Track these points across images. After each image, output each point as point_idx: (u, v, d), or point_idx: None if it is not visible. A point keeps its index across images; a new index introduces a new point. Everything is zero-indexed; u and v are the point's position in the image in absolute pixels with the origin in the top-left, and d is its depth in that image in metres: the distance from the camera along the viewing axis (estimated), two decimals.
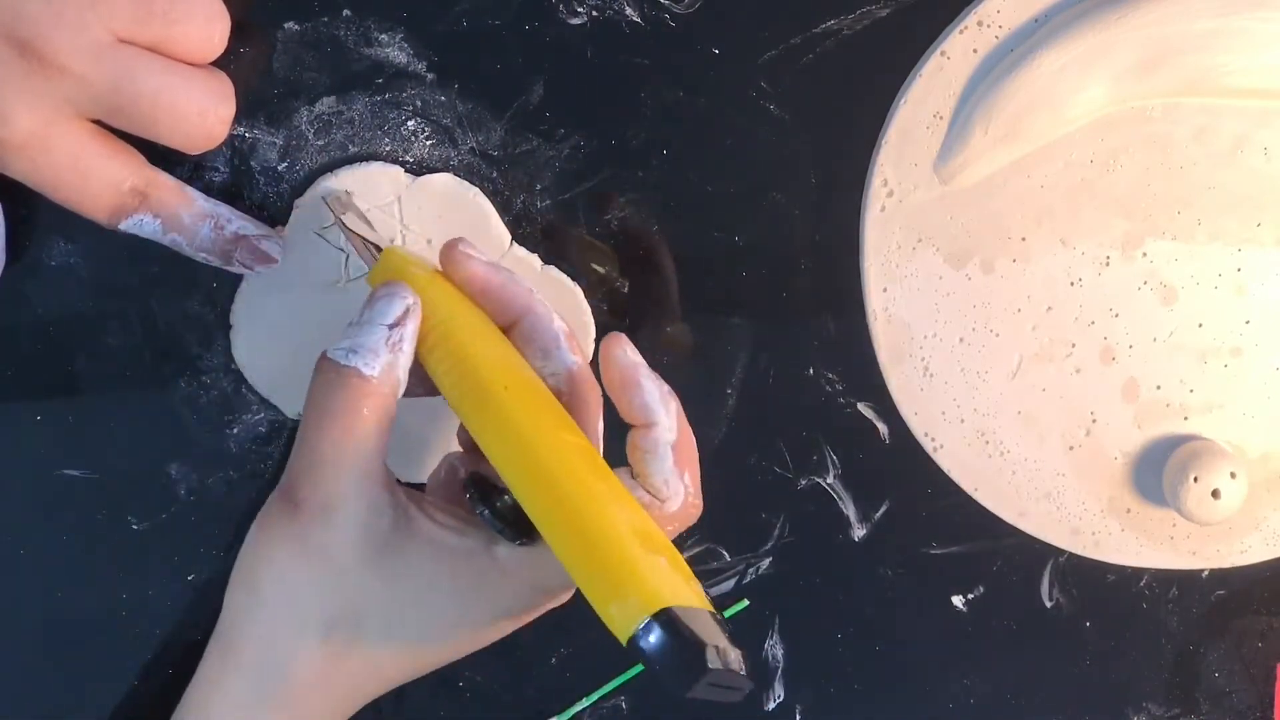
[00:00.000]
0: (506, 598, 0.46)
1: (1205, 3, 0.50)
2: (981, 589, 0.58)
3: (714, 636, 0.38)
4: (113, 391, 0.54)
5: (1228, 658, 0.59)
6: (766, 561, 0.57)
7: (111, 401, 0.54)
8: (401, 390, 0.45)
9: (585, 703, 0.58)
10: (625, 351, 0.46)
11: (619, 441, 0.47)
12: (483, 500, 0.45)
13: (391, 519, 0.45)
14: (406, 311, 0.45)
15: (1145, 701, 0.59)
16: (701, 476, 0.55)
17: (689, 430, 0.47)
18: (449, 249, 0.47)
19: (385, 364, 0.44)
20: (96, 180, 0.47)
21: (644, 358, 0.46)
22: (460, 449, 0.51)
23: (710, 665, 0.37)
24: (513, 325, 0.47)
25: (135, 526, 0.55)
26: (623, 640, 0.38)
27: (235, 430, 0.54)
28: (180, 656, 0.56)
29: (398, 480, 0.46)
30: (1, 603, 0.55)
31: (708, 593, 0.41)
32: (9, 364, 0.53)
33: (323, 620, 0.45)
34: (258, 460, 0.55)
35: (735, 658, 0.38)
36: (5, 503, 0.54)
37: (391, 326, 0.45)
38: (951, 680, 0.59)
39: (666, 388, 0.46)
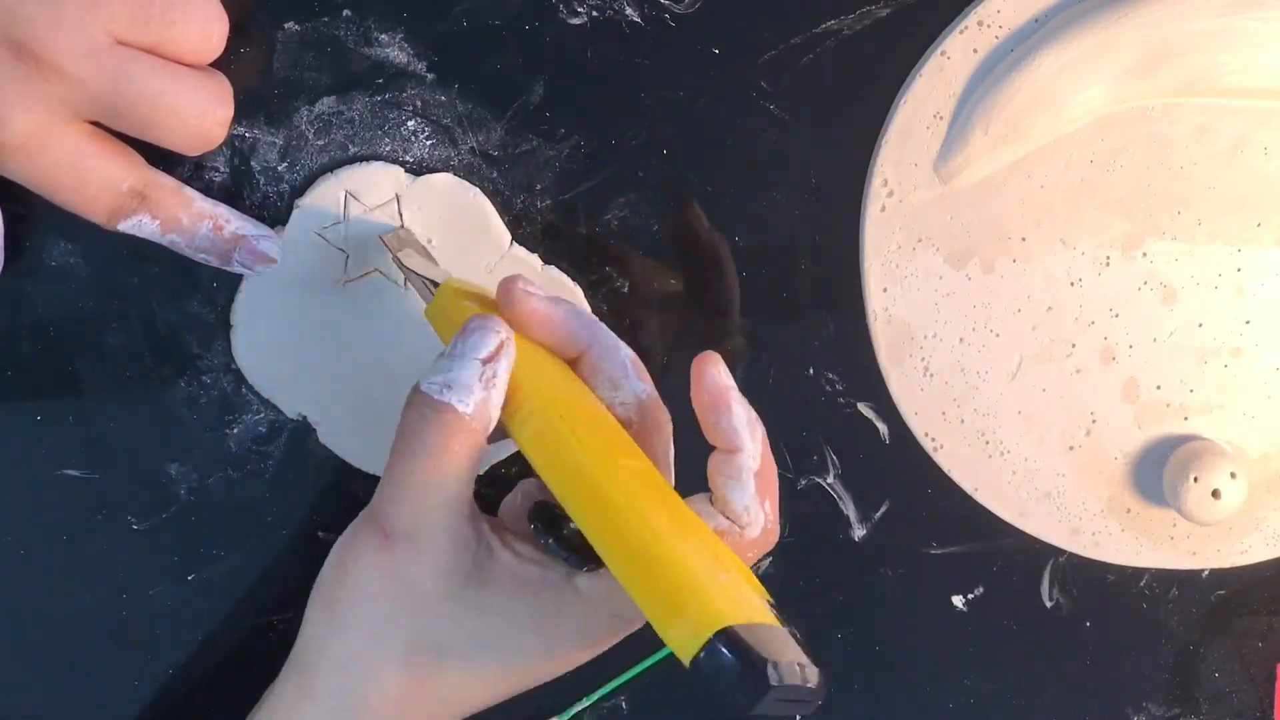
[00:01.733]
0: (587, 628, 0.46)
1: (1205, 3, 0.50)
2: (981, 589, 0.58)
3: (780, 653, 0.38)
4: (113, 391, 0.54)
5: (1228, 658, 0.59)
6: (766, 561, 0.57)
7: (111, 401, 0.54)
8: (492, 426, 0.45)
9: (585, 703, 0.58)
10: (719, 372, 0.46)
11: (691, 463, 0.47)
12: (547, 530, 0.45)
13: (475, 552, 0.45)
14: (500, 347, 0.45)
15: (1145, 701, 0.59)
16: (701, 476, 0.55)
17: (771, 458, 0.47)
18: (508, 286, 0.46)
19: (479, 401, 0.44)
20: (94, 182, 0.47)
21: (645, 358, 0.46)
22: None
23: (772, 683, 0.37)
24: (579, 357, 0.47)
25: (135, 526, 0.55)
26: (686, 663, 0.38)
27: (235, 430, 0.54)
28: (180, 657, 0.56)
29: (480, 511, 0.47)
30: (1, 603, 0.55)
31: (779, 611, 0.41)
32: (9, 364, 0.53)
33: (405, 648, 0.45)
34: (258, 460, 0.55)
35: (800, 673, 0.38)
36: (5, 503, 0.54)
37: (485, 361, 0.44)
38: (951, 680, 0.59)
39: (754, 414, 0.46)
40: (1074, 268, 0.54)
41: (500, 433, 0.46)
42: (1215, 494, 0.53)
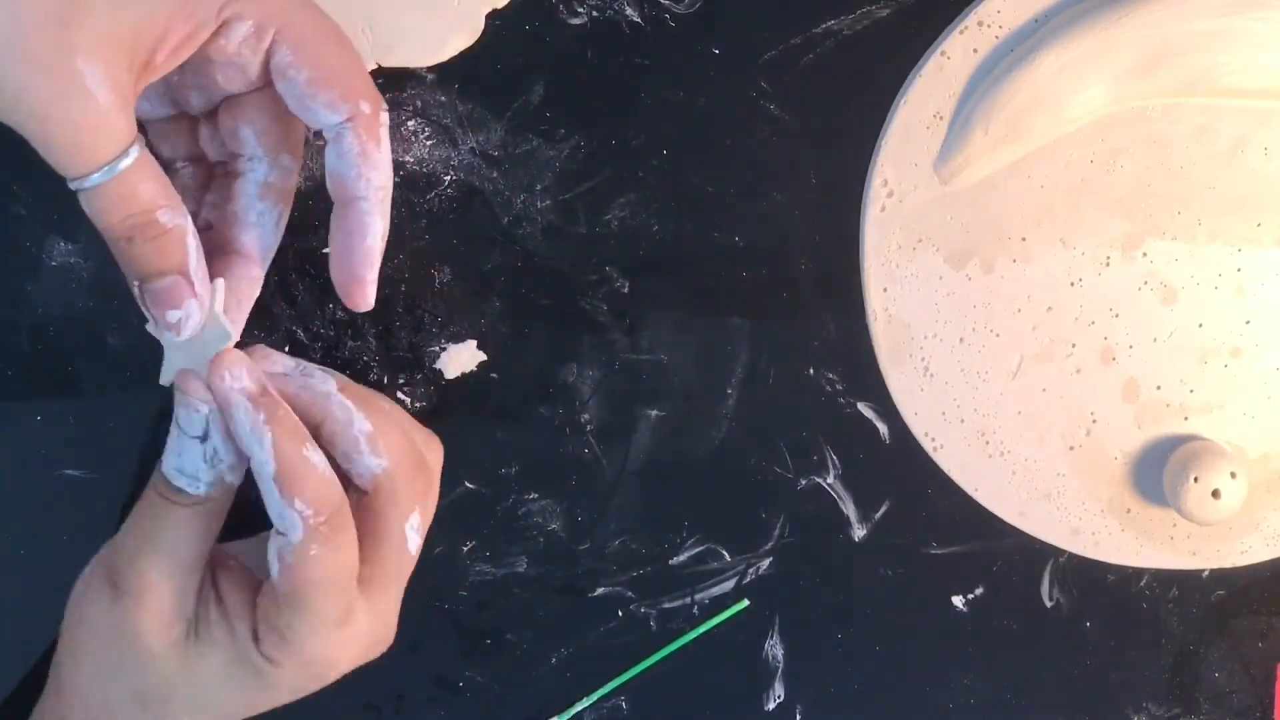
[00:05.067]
0: (279, 690, 0.47)
1: (1205, 3, 0.50)
2: (981, 589, 0.58)
3: None
4: (113, 391, 0.54)
5: (1228, 658, 0.59)
6: (766, 561, 0.57)
7: (111, 401, 0.54)
8: (229, 491, 0.46)
9: (585, 703, 0.58)
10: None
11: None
12: None
13: (197, 611, 0.46)
14: (207, 423, 0.45)
15: (1145, 701, 0.59)
16: (701, 476, 0.56)
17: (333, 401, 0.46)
18: (214, 368, 0.45)
19: (210, 480, 0.45)
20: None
21: (646, 356, 0.46)
22: None
23: None
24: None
25: None
26: None
27: None
28: None
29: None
30: (1, 603, 0.55)
31: None
32: (9, 364, 0.53)
33: (133, 694, 0.46)
34: None
35: None
36: (5, 503, 0.54)
37: (203, 440, 0.45)
38: (951, 680, 0.59)
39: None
40: (1074, 268, 0.54)
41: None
42: (1215, 494, 0.53)
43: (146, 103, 0.46)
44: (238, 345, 0.45)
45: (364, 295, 0.46)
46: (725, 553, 0.57)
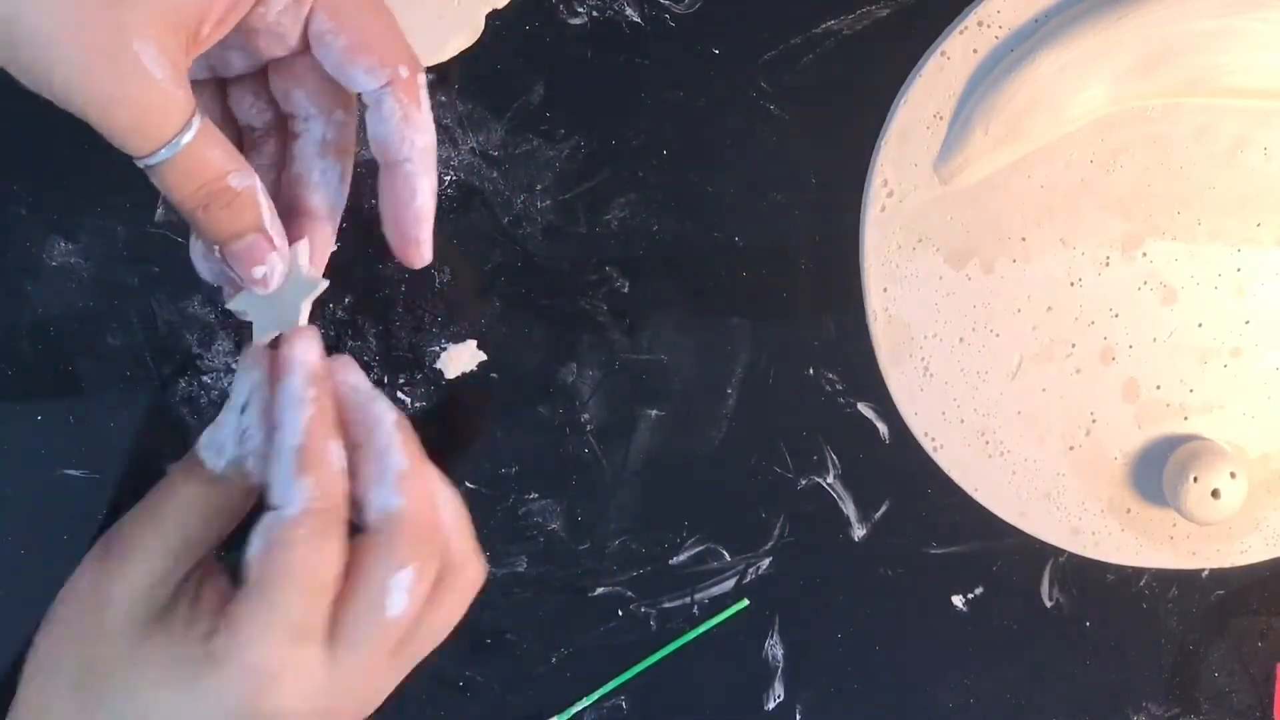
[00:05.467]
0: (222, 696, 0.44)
1: (1205, 3, 0.50)
2: (981, 589, 0.58)
3: None
4: (113, 391, 0.54)
5: (1228, 658, 0.59)
6: (766, 561, 0.57)
7: (111, 401, 0.54)
8: (258, 479, 0.44)
9: (585, 702, 0.58)
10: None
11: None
12: None
13: (176, 598, 0.44)
14: (251, 392, 0.44)
15: (1145, 701, 0.59)
16: (701, 476, 0.56)
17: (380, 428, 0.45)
18: (319, 339, 0.45)
19: (231, 459, 0.44)
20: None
21: (646, 356, 0.46)
22: None
23: None
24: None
25: None
26: None
27: None
28: None
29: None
30: (2, 603, 0.55)
31: None
32: (9, 364, 0.53)
33: (77, 668, 0.44)
34: None
35: None
36: (5, 503, 0.54)
37: (242, 411, 0.44)
38: (951, 680, 0.59)
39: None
40: (1074, 268, 0.54)
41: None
42: (1215, 494, 0.53)
43: None
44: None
45: (420, 254, 0.46)
46: (725, 553, 0.57)
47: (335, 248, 0.47)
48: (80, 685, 0.44)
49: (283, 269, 0.44)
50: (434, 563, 0.45)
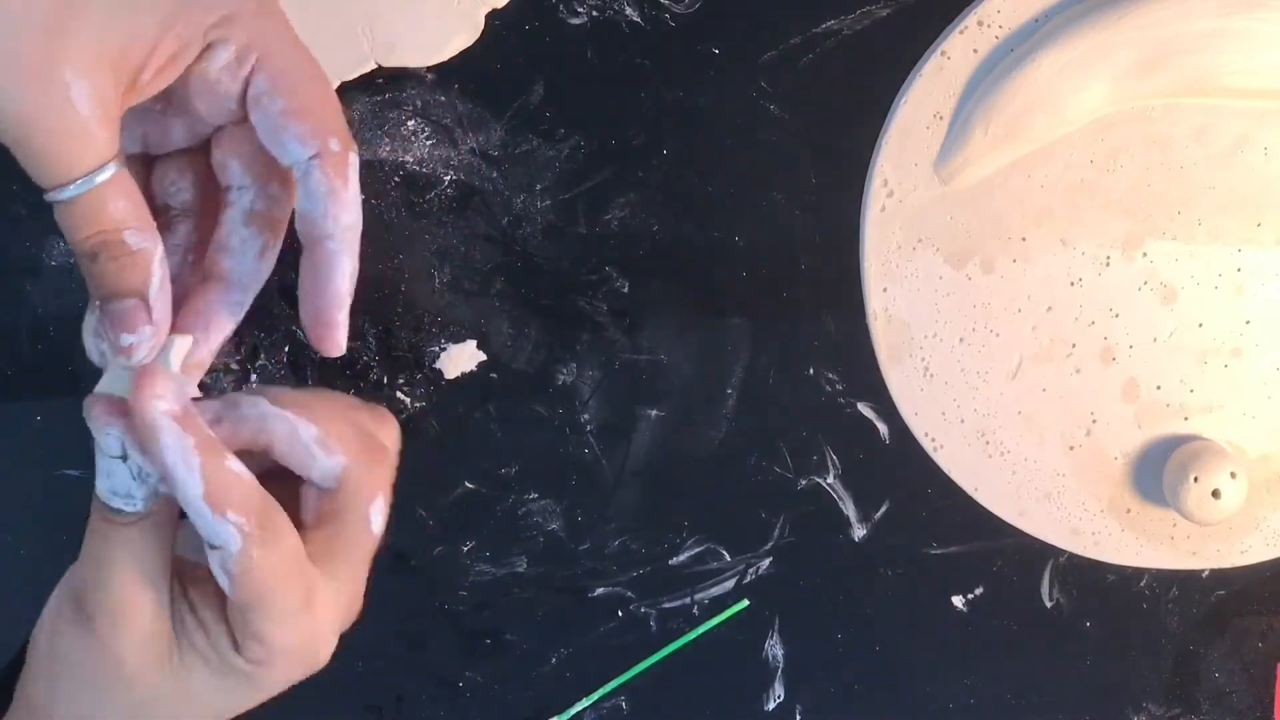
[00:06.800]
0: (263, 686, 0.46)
1: (1205, 3, 0.50)
2: (981, 589, 0.58)
3: None
4: None
5: (1228, 658, 0.59)
6: (766, 561, 0.57)
7: None
8: (174, 503, 0.45)
9: (585, 702, 0.58)
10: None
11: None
12: None
13: (172, 623, 0.45)
14: (122, 441, 0.44)
15: (1145, 701, 0.59)
16: (701, 476, 0.56)
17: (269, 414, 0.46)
18: (170, 376, 0.44)
19: (144, 496, 0.44)
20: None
21: (646, 356, 0.46)
22: None
23: None
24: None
25: None
26: None
27: None
28: None
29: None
30: (1, 603, 0.55)
31: None
32: (9, 364, 0.53)
33: (129, 715, 0.45)
34: None
35: None
36: (5, 503, 0.54)
37: (125, 459, 0.44)
38: (951, 680, 0.59)
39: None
40: (1074, 268, 0.54)
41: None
42: (1215, 494, 0.53)
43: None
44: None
45: (334, 340, 0.45)
46: (725, 553, 0.57)
47: (238, 319, 0.45)
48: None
49: (152, 345, 0.43)
50: (390, 474, 0.46)
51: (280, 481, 0.45)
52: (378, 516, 0.46)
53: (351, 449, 0.46)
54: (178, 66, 0.42)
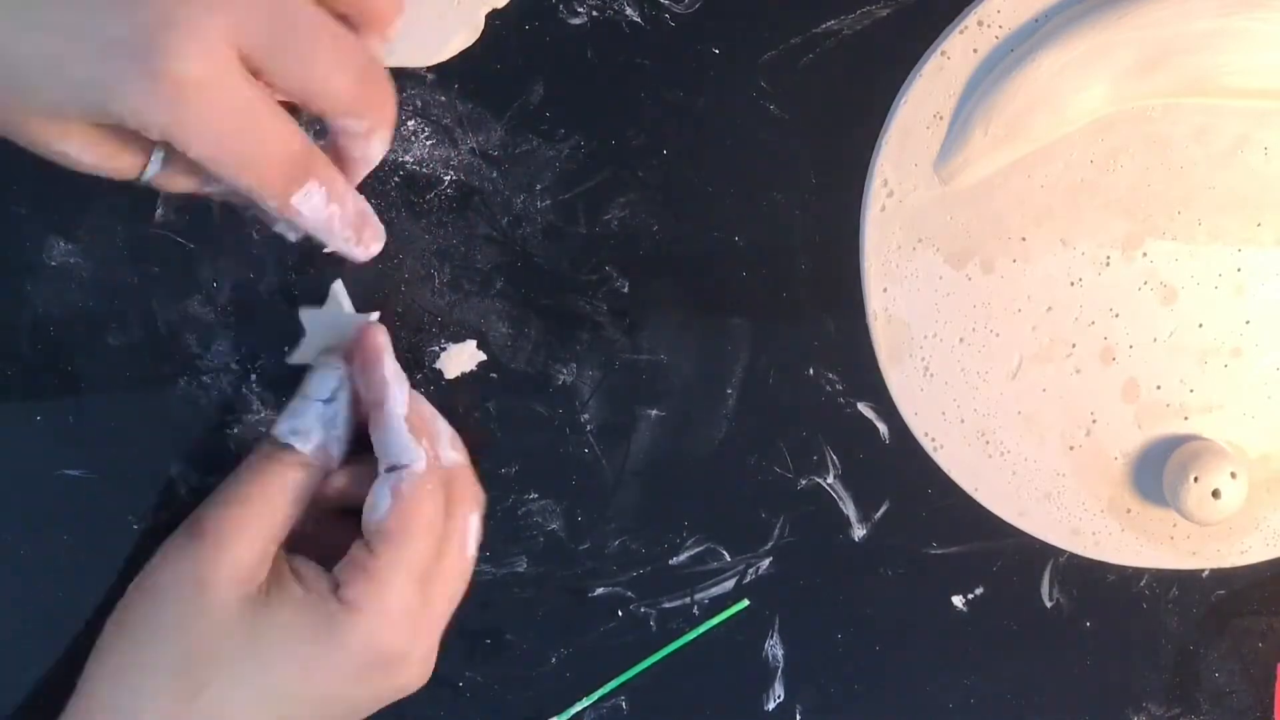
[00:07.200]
0: (350, 660, 0.47)
1: (1205, 3, 0.50)
2: (981, 589, 0.58)
3: None
4: (113, 391, 0.54)
5: (1228, 658, 0.59)
6: (766, 561, 0.57)
7: (111, 401, 0.54)
8: (335, 463, 0.49)
9: (585, 702, 0.58)
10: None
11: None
12: None
13: (270, 575, 0.47)
14: (338, 387, 0.49)
15: (1145, 701, 0.59)
16: (701, 476, 0.55)
17: (421, 403, 0.51)
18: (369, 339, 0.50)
19: (318, 442, 0.49)
20: (271, 136, 0.40)
21: (646, 356, 0.46)
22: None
23: None
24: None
25: (135, 526, 0.55)
26: None
27: (235, 430, 0.54)
28: None
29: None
30: (1, 603, 0.55)
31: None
32: (9, 364, 0.53)
33: (180, 657, 0.45)
34: None
35: None
36: (5, 503, 0.54)
37: (327, 403, 0.49)
38: (951, 680, 0.59)
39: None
40: (1074, 268, 0.54)
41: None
42: (1215, 494, 0.53)
43: None
44: None
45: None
46: (725, 553, 0.57)
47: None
48: (180, 673, 0.46)
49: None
50: (480, 509, 0.51)
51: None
52: (475, 535, 0.51)
53: (466, 457, 0.51)
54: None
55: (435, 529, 0.47)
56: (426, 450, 0.48)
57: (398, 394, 0.48)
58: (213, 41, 0.38)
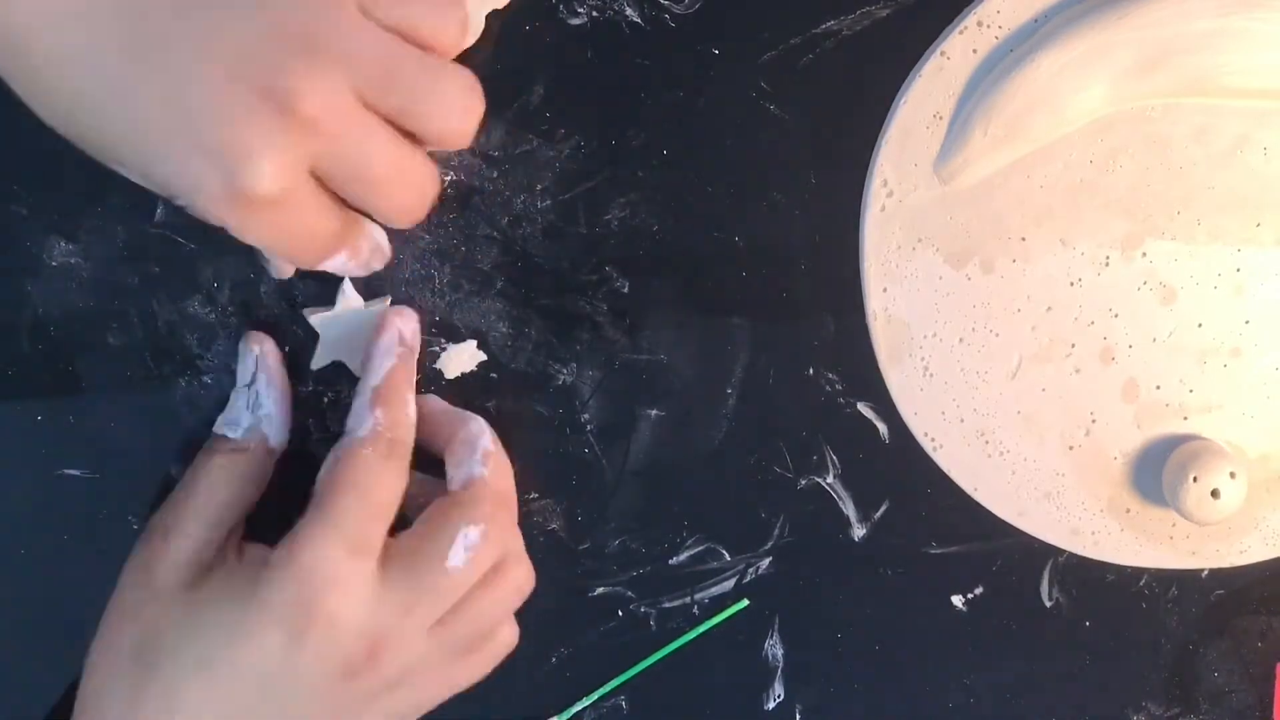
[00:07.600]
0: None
1: (1205, 3, 0.50)
2: (981, 589, 0.58)
3: None
4: (113, 391, 0.54)
5: (1228, 658, 0.59)
6: (766, 561, 0.57)
7: (111, 401, 0.54)
8: (274, 443, 0.52)
9: (585, 702, 0.58)
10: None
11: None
12: None
13: (214, 560, 0.49)
14: (255, 367, 0.52)
15: (1145, 701, 0.59)
16: (701, 476, 0.55)
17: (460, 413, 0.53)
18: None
19: (247, 427, 0.51)
20: (319, 227, 0.43)
21: (646, 356, 0.46)
22: None
23: None
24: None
25: (135, 526, 0.55)
26: None
27: None
28: None
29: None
30: (1, 603, 0.55)
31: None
32: (9, 364, 0.53)
33: (132, 646, 0.48)
34: None
35: None
36: (5, 503, 0.54)
37: (248, 386, 0.52)
38: (951, 680, 0.59)
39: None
40: (1074, 268, 0.54)
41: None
42: (1215, 494, 0.53)
43: None
44: None
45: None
46: (725, 552, 0.57)
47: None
48: (137, 656, 0.48)
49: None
50: (500, 537, 0.50)
51: None
52: (460, 551, 0.49)
53: (494, 479, 0.52)
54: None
55: (369, 494, 0.48)
56: (379, 418, 0.49)
57: (377, 366, 0.50)
58: (291, 164, 0.40)
